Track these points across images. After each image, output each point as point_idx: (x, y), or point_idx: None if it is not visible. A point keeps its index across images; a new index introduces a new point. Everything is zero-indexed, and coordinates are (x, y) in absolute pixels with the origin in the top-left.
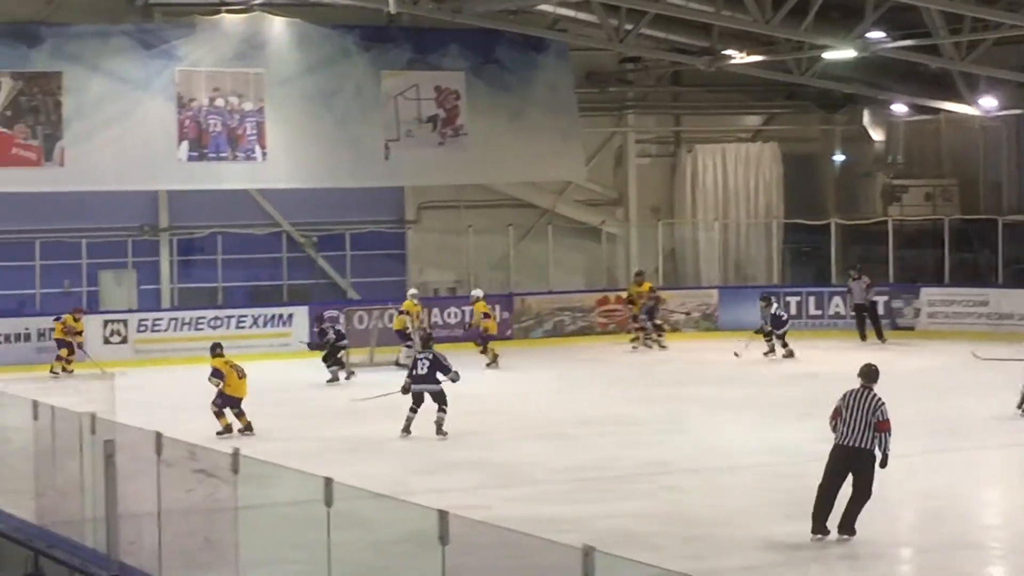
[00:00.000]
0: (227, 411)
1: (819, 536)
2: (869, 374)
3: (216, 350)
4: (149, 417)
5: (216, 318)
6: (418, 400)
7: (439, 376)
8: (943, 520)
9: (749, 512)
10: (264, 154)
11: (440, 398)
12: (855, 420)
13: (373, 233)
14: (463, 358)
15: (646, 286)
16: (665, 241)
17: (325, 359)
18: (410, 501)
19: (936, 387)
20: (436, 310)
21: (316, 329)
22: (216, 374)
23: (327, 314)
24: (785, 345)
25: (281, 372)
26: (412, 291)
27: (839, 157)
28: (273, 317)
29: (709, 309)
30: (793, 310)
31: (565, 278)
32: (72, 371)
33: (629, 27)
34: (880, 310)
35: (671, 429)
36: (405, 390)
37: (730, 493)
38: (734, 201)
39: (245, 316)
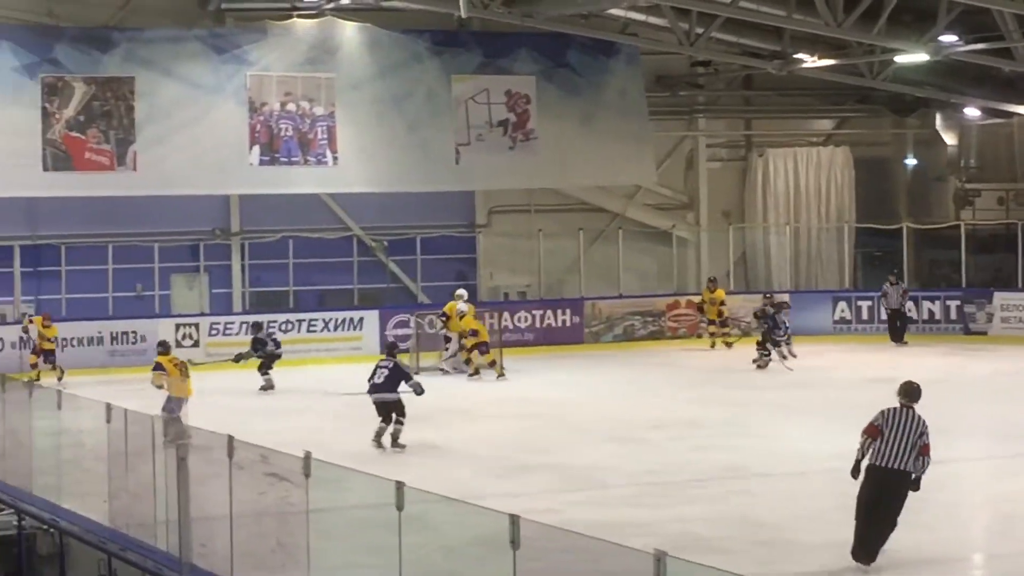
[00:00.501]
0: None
1: (867, 565)
2: (911, 392)
3: (161, 347)
4: (221, 420)
5: (287, 322)
6: (381, 409)
7: (402, 387)
8: (1016, 525)
9: (820, 517)
10: (335, 158)
11: (397, 408)
12: (899, 441)
13: (443, 237)
14: (536, 362)
15: (719, 293)
16: (736, 245)
17: (261, 368)
18: (481, 505)
19: (1009, 392)
20: (506, 314)
21: (252, 337)
22: (157, 367)
23: (264, 323)
24: (768, 353)
25: (351, 375)
26: (459, 292)
27: (911, 161)
28: (344, 321)
29: None
30: (864, 315)
31: (635, 282)
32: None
33: (700, 31)
34: (952, 315)
35: (741, 433)
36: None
37: (801, 498)
38: (805, 205)
39: (316, 320)
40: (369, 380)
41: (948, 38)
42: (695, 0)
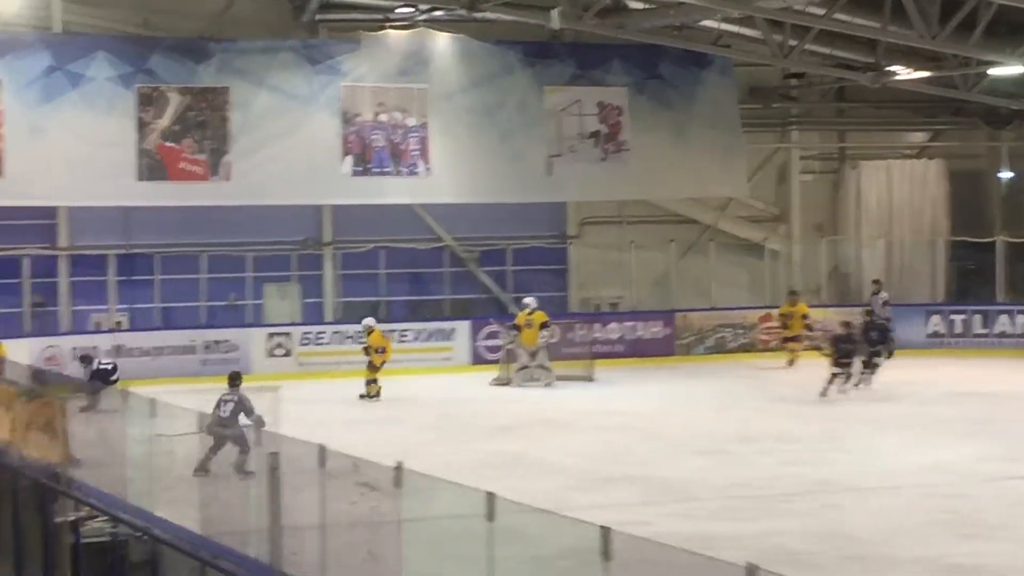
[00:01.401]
0: None
1: None
2: None
3: None
4: (312, 430)
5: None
6: (220, 444)
7: (242, 419)
8: None
9: (912, 532)
10: (427, 169)
11: (241, 442)
12: None
13: (535, 248)
14: (626, 373)
15: (801, 307)
16: (828, 258)
17: None
18: (572, 516)
19: None
20: (597, 325)
21: (90, 370)
22: None
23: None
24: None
25: (443, 387)
26: (526, 300)
27: (1006, 174)
28: (435, 332)
29: None
30: (958, 328)
31: (727, 294)
32: None
33: (793, 43)
34: None
35: (831, 447)
36: (209, 430)
37: (892, 512)
38: (899, 218)
39: (407, 330)
40: (213, 413)
41: None
42: (789, 12)
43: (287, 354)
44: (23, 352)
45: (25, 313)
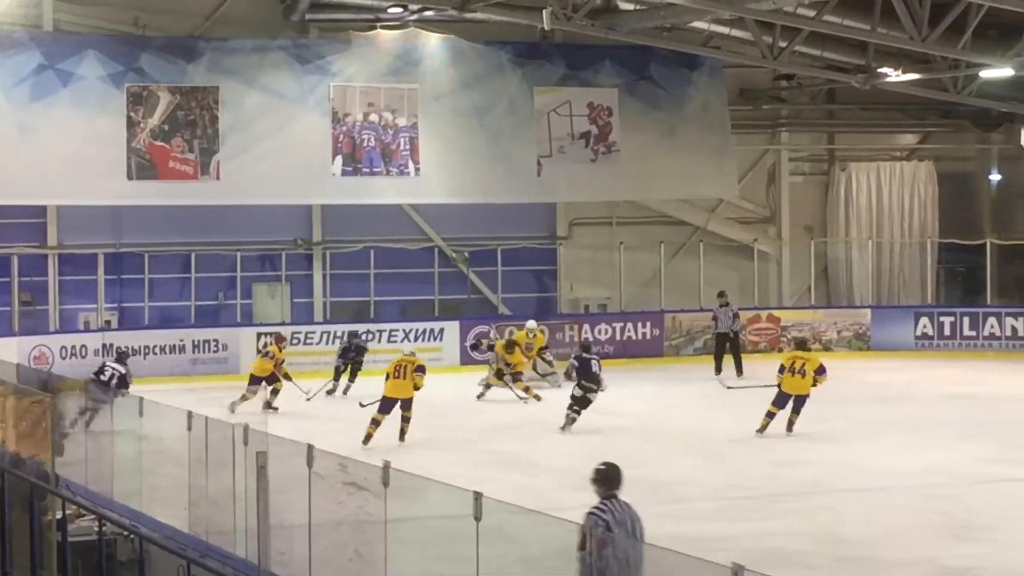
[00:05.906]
0: None
1: None
2: None
3: None
4: (301, 429)
5: (368, 332)
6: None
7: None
8: None
9: (905, 533)
10: (417, 169)
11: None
12: None
13: (525, 249)
14: (615, 374)
15: (539, 338)
16: (817, 260)
17: None
18: (559, 516)
19: None
20: (587, 326)
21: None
22: None
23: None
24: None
25: (432, 387)
26: (529, 323)
27: (995, 176)
28: (424, 331)
29: (862, 329)
30: (947, 331)
31: (716, 295)
32: None
33: (783, 44)
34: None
35: (824, 448)
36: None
37: (885, 514)
38: (888, 220)
39: (397, 330)
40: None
41: None
42: (779, 13)
43: None
44: (11, 351)
45: (14, 312)
